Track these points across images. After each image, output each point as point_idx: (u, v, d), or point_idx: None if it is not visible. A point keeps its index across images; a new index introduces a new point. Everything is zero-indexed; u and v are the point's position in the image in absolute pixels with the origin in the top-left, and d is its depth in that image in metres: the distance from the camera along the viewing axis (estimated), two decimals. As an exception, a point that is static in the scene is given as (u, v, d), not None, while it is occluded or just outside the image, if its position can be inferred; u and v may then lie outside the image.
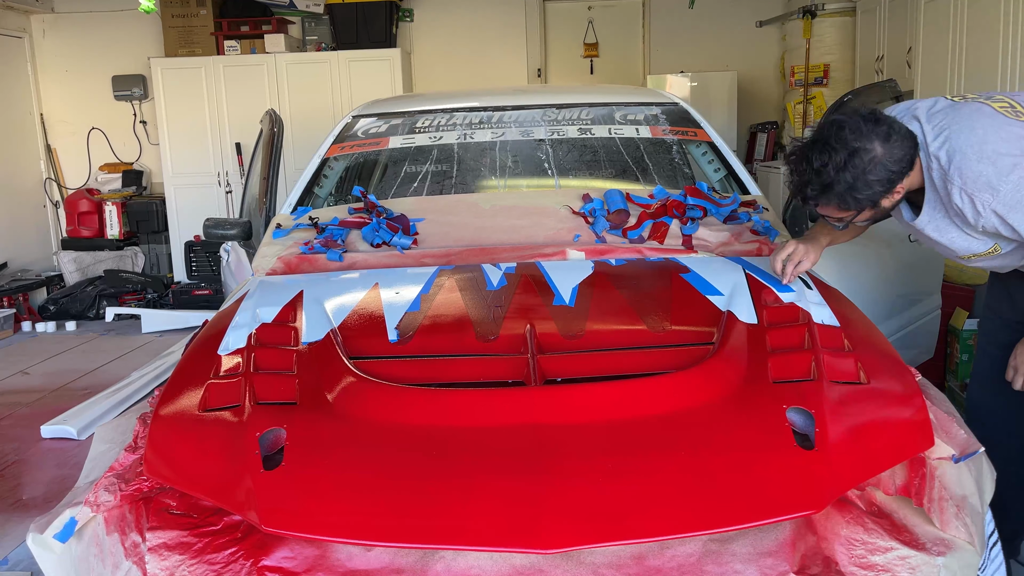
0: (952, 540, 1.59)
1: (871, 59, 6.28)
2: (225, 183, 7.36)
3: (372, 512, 1.50)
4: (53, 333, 6.35)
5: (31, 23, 7.63)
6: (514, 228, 2.69)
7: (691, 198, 2.73)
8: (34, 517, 1.89)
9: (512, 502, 1.48)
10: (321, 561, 1.54)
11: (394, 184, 3.34)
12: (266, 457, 1.62)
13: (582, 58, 8.12)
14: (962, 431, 1.78)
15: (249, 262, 2.87)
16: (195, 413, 1.78)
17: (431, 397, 1.75)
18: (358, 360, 1.91)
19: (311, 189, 3.24)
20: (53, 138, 7.77)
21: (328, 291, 2.30)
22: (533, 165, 3.24)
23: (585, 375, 1.84)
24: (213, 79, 7.22)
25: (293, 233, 2.77)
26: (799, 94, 7.13)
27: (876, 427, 1.67)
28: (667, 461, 1.57)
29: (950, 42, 4.69)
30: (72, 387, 4.93)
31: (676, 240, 2.59)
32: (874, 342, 1.96)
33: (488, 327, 2.02)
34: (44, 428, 4.08)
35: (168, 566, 1.57)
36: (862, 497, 1.65)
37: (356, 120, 3.53)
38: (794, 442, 1.60)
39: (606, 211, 2.72)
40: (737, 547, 1.53)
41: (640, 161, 3.31)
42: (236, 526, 1.62)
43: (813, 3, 6.91)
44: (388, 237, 2.63)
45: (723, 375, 1.78)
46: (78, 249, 7.39)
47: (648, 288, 2.26)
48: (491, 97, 3.64)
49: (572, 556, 1.50)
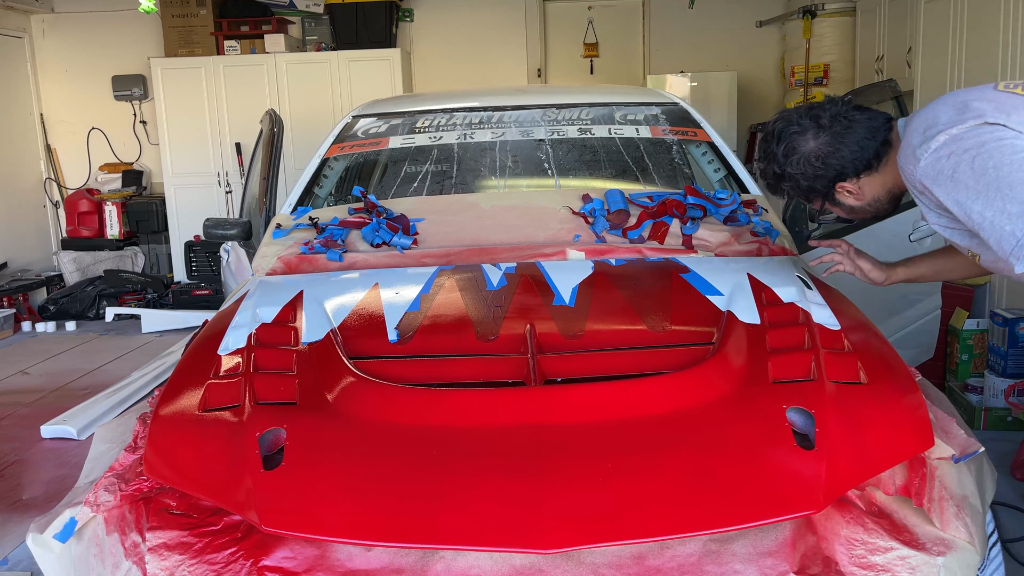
0: (952, 540, 1.59)
1: (871, 59, 6.28)
2: (225, 183, 7.36)
3: (372, 512, 1.50)
4: (53, 333, 6.35)
5: (31, 23, 7.63)
6: (514, 228, 2.69)
7: (691, 198, 2.73)
8: (34, 517, 1.89)
9: (512, 502, 1.48)
10: (321, 561, 1.54)
11: (394, 184, 3.34)
12: (266, 457, 1.62)
13: (582, 58, 8.11)
14: (962, 431, 1.78)
15: (249, 262, 2.87)
16: (195, 413, 1.78)
17: (431, 397, 1.75)
18: (358, 360, 1.91)
19: (311, 189, 3.24)
20: (53, 138, 7.77)
21: (328, 291, 2.30)
22: (533, 165, 3.24)
23: (585, 375, 1.84)
24: (213, 79, 7.22)
25: (293, 233, 2.77)
26: (799, 94, 7.13)
27: (876, 427, 1.67)
28: (667, 461, 1.57)
29: (950, 42, 4.69)
30: (72, 387, 4.93)
31: (676, 240, 2.59)
32: (874, 342, 1.96)
33: (488, 327, 2.02)
34: (44, 428, 4.08)
35: (168, 566, 1.57)
36: (862, 497, 1.65)
37: (356, 120, 3.53)
38: (794, 442, 1.60)
39: (606, 211, 2.72)
40: (737, 547, 1.53)
41: (640, 161, 3.31)
42: (236, 526, 1.62)
43: (813, 3, 6.91)
44: (388, 237, 2.63)
45: (723, 375, 1.78)
46: (78, 249, 7.39)
47: (648, 288, 2.26)
48: (491, 97, 3.64)
49: (572, 556, 1.50)
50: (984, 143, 1.54)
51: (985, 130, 1.56)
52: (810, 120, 1.87)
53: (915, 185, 1.70)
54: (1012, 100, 1.61)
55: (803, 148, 1.85)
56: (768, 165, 1.95)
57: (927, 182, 1.64)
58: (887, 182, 1.88)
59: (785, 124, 1.90)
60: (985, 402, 3.76)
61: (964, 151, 1.55)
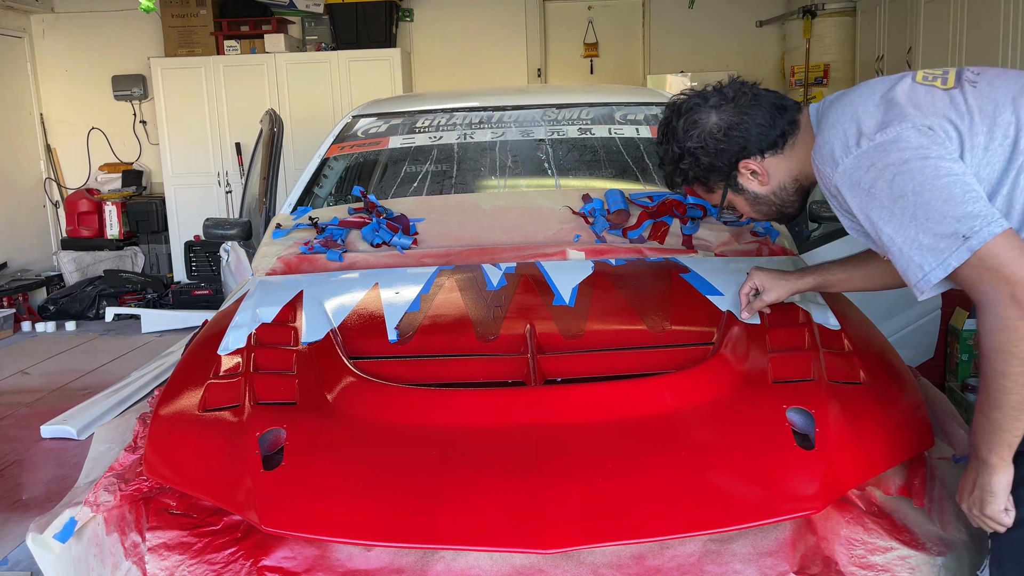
0: (952, 540, 1.59)
1: (871, 59, 6.28)
2: (225, 183, 7.36)
3: (372, 512, 1.50)
4: (53, 333, 6.35)
5: (31, 23, 7.63)
6: (514, 228, 2.68)
7: (691, 198, 2.73)
8: (34, 517, 1.89)
9: (512, 502, 1.48)
10: (321, 561, 1.55)
11: (394, 184, 3.34)
12: (266, 457, 1.62)
13: (582, 58, 8.12)
14: (962, 431, 1.78)
15: (249, 262, 2.87)
16: (195, 413, 1.78)
17: (431, 397, 1.75)
18: (358, 360, 1.91)
19: (311, 189, 3.24)
20: (53, 138, 7.77)
21: (328, 291, 2.30)
22: (533, 165, 3.24)
23: (585, 375, 1.84)
24: (213, 79, 7.22)
25: (293, 233, 2.77)
26: (799, 94, 7.13)
27: (876, 427, 1.67)
28: (667, 461, 1.57)
29: (950, 42, 4.69)
30: (72, 387, 4.93)
31: (676, 240, 2.59)
32: (874, 342, 1.96)
33: (488, 327, 2.02)
34: (44, 428, 4.08)
35: (168, 566, 1.57)
36: (862, 497, 1.65)
37: (356, 120, 3.53)
38: (794, 442, 1.60)
39: (606, 211, 2.72)
40: (737, 547, 1.53)
41: (640, 161, 3.31)
42: (236, 526, 1.62)
43: (813, 3, 6.92)
44: (388, 237, 2.63)
45: (723, 375, 1.78)
46: (78, 249, 7.39)
47: (648, 288, 2.26)
48: (491, 97, 3.64)
49: (572, 556, 1.50)
50: (907, 160, 1.42)
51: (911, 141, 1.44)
52: (715, 93, 1.76)
53: (829, 187, 1.59)
54: (930, 96, 1.50)
55: (705, 121, 1.73)
56: (668, 144, 1.78)
57: (843, 188, 1.52)
58: (793, 168, 1.72)
59: (687, 98, 1.79)
60: (985, 402, 3.76)
61: (885, 166, 1.44)
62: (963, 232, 1.35)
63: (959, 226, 1.36)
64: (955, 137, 1.44)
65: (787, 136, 1.70)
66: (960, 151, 1.44)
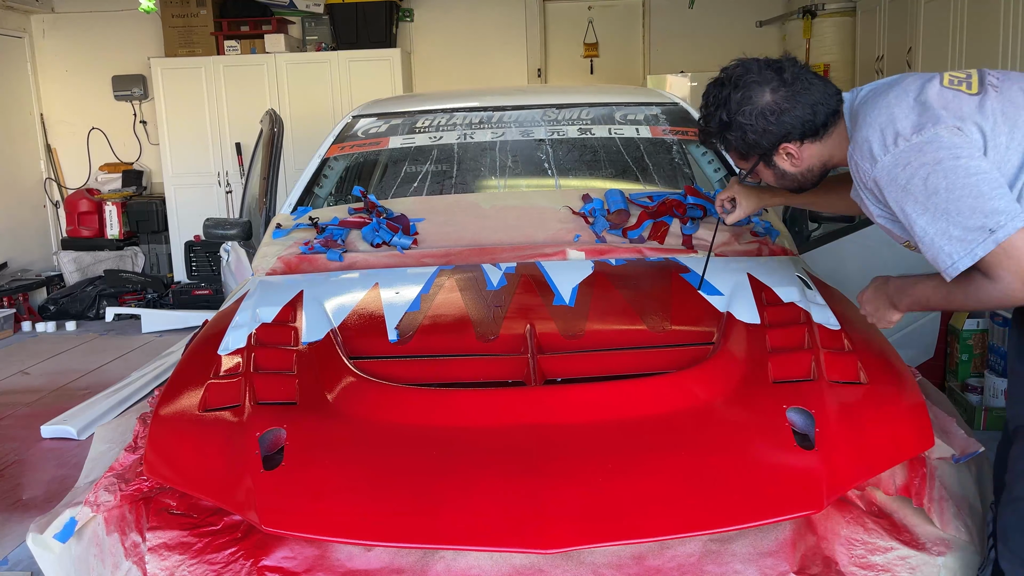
0: (952, 540, 1.59)
1: (871, 59, 6.28)
2: (225, 183, 7.36)
3: (372, 512, 1.50)
4: (53, 333, 6.35)
5: (31, 23, 7.63)
6: (514, 228, 2.69)
7: (691, 198, 2.73)
8: (34, 517, 1.89)
9: (512, 502, 1.48)
10: (321, 561, 1.55)
11: (394, 184, 3.34)
12: (266, 457, 1.62)
13: (582, 58, 8.11)
14: (962, 431, 1.78)
15: (249, 262, 2.87)
16: (195, 413, 1.78)
17: (431, 397, 1.75)
18: (358, 360, 1.91)
19: (311, 189, 3.24)
20: (53, 138, 7.77)
21: (328, 291, 2.30)
22: (533, 165, 3.25)
23: (585, 375, 1.84)
24: (213, 79, 7.22)
25: (293, 233, 2.77)
26: (799, 94, 7.12)
27: (876, 427, 1.67)
28: (667, 461, 1.57)
29: (950, 42, 4.69)
30: (72, 387, 4.93)
31: (676, 240, 2.59)
32: (874, 342, 1.96)
33: (488, 327, 2.02)
34: (44, 428, 4.07)
35: (168, 566, 1.57)
36: (862, 497, 1.65)
37: (356, 120, 3.53)
38: (794, 442, 1.60)
39: (606, 211, 2.72)
40: (737, 547, 1.53)
41: (640, 161, 3.31)
42: (236, 526, 1.62)
43: (813, 3, 6.91)
44: (388, 237, 2.63)
45: (723, 375, 1.78)
46: (78, 249, 7.39)
47: (648, 288, 2.26)
48: (491, 97, 3.64)
49: (572, 556, 1.50)
50: (940, 160, 1.58)
51: (943, 142, 1.59)
52: (773, 72, 1.80)
53: (866, 182, 1.70)
54: (958, 100, 1.64)
55: (760, 100, 1.79)
56: (717, 110, 1.85)
57: (881, 183, 1.66)
58: (824, 154, 1.84)
59: (744, 71, 1.82)
60: (985, 402, 3.76)
61: (921, 164, 1.59)
62: (990, 226, 1.52)
63: (987, 220, 1.52)
64: (980, 137, 1.61)
65: (828, 126, 1.81)
66: (984, 149, 1.60)
